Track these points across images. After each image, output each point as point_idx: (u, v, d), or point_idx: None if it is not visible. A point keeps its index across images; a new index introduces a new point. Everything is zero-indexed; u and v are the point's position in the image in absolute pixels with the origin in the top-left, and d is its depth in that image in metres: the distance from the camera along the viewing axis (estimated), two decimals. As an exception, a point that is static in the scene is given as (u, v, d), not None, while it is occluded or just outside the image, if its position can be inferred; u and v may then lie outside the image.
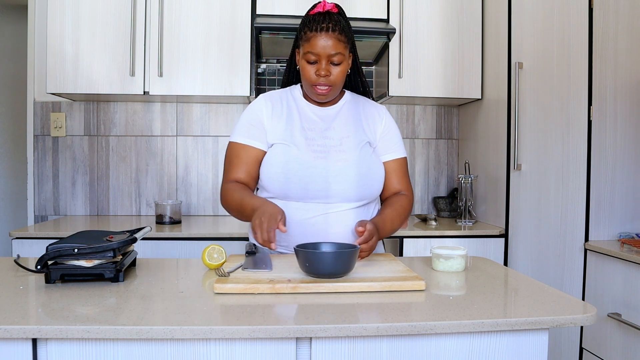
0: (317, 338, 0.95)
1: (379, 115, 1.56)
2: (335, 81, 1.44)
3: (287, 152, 1.43)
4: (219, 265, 1.33)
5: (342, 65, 1.44)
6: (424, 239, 2.36)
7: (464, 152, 2.93)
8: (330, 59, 1.41)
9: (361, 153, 1.46)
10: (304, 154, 1.43)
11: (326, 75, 1.42)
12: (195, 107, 2.84)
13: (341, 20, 1.43)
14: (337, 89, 1.48)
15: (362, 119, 1.53)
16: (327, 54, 1.40)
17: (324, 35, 1.39)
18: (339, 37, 1.41)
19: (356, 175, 1.44)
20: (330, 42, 1.40)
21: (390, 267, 1.28)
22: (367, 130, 1.52)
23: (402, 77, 2.59)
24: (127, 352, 0.93)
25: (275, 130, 1.47)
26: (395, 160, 1.54)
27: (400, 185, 1.55)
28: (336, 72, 1.43)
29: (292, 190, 1.42)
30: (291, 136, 1.45)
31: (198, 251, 2.19)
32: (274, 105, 1.51)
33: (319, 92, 1.45)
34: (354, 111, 1.54)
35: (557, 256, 2.12)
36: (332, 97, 1.49)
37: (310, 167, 1.41)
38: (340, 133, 1.48)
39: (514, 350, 1.01)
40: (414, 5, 2.59)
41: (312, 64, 1.43)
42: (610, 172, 2.01)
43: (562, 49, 2.09)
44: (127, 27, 2.44)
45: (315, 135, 1.47)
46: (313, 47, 1.40)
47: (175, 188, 2.83)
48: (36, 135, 2.77)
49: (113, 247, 1.17)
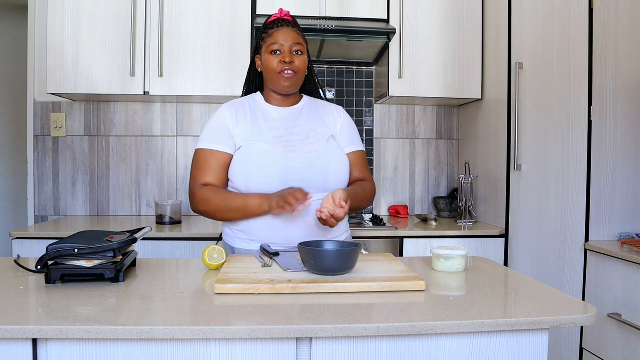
0: (317, 338, 0.95)
1: (337, 112, 1.67)
2: (299, 68, 1.55)
3: (259, 148, 1.49)
4: (219, 265, 1.34)
5: (304, 55, 1.57)
6: (424, 239, 2.36)
7: (464, 152, 2.93)
8: (293, 48, 1.54)
9: (328, 144, 1.55)
10: (276, 149, 1.49)
11: (290, 62, 1.52)
12: (195, 107, 2.84)
13: (297, 26, 1.62)
14: (301, 77, 1.58)
15: (323, 115, 1.63)
16: (289, 43, 1.54)
17: (284, 28, 1.55)
18: (298, 32, 1.57)
19: (329, 164, 1.52)
20: (291, 34, 1.55)
21: (390, 267, 1.28)
22: (328, 124, 1.61)
23: (402, 77, 2.59)
24: (127, 352, 0.93)
25: (242, 132, 1.52)
26: (355, 152, 1.64)
27: (361, 174, 1.64)
28: (299, 60, 1.55)
29: (271, 185, 1.45)
30: (258, 135, 1.52)
31: (198, 251, 2.19)
32: (237, 110, 1.57)
33: (285, 77, 1.53)
34: (314, 109, 1.64)
35: (557, 256, 2.12)
36: (296, 86, 1.57)
37: (284, 159, 1.47)
38: (306, 128, 1.57)
39: (514, 350, 1.01)
40: (414, 5, 2.59)
41: (276, 55, 1.54)
42: (610, 172, 2.01)
43: (562, 49, 2.09)
44: (127, 27, 2.44)
45: (282, 133, 1.54)
46: (276, 39, 1.54)
47: (175, 188, 2.83)
48: (36, 135, 2.77)
49: (113, 247, 1.17)
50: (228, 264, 1.31)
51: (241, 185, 1.48)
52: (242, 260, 1.36)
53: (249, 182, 1.46)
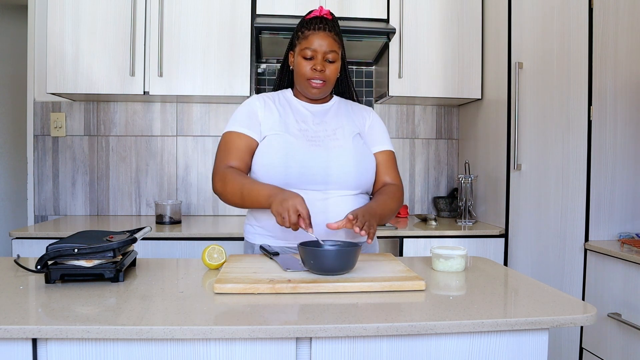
0: (317, 338, 0.95)
1: (366, 112, 1.64)
2: (330, 77, 1.51)
3: (283, 140, 1.47)
4: (219, 265, 1.34)
5: (336, 63, 1.52)
6: (424, 239, 2.36)
7: (464, 152, 2.93)
8: (326, 56, 1.49)
9: (354, 141, 1.53)
10: (300, 141, 1.47)
11: (322, 71, 1.49)
12: (195, 107, 2.84)
13: (336, 26, 1.52)
14: (330, 86, 1.54)
15: (351, 114, 1.61)
16: (323, 50, 1.48)
17: (321, 33, 1.49)
18: (335, 38, 1.50)
19: (353, 161, 1.49)
20: (327, 40, 1.49)
21: (390, 267, 1.28)
22: (357, 122, 1.59)
23: (402, 77, 2.59)
24: (127, 352, 0.93)
25: (269, 122, 1.51)
26: (383, 152, 1.59)
27: (389, 176, 1.58)
28: (331, 69, 1.51)
29: (291, 177, 1.44)
30: (285, 127, 1.50)
31: (198, 251, 2.19)
32: (266, 101, 1.56)
33: (313, 86, 1.50)
34: (344, 109, 1.62)
35: (557, 256, 2.12)
36: (325, 93, 1.55)
37: (307, 152, 1.46)
38: (333, 125, 1.54)
39: (514, 350, 1.01)
40: (414, 5, 2.59)
41: (308, 60, 1.50)
42: (610, 172, 2.01)
43: (562, 49, 2.09)
44: (127, 27, 2.44)
45: (308, 127, 1.52)
46: (310, 44, 1.48)
47: (175, 188, 2.83)
48: (36, 135, 2.77)
49: (113, 247, 1.17)
50: (228, 264, 1.30)
51: (262, 175, 1.47)
52: (242, 260, 1.36)
53: (270, 172, 1.45)
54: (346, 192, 1.48)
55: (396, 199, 1.53)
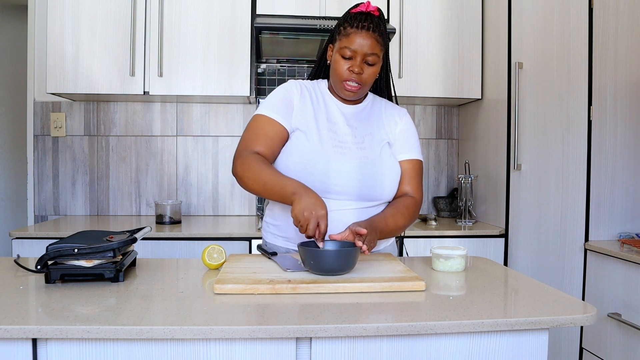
0: (317, 338, 0.95)
1: (399, 116, 1.55)
2: (366, 81, 1.43)
3: (308, 142, 1.41)
4: (219, 265, 1.34)
5: (375, 66, 1.43)
6: (424, 239, 2.36)
7: (464, 152, 2.93)
8: (366, 58, 1.40)
9: (381, 153, 1.46)
10: (324, 147, 1.41)
11: (359, 73, 1.41)
12: (195, 107, 2.84)
13: (381, 24, 1.43)
14: (366, 89, 1.46)
15: (384, 118, 1.53)
16: (363, 52, 1.39)
17: (364, 33, 1.38)
18: (377, 39, 1.40)
19: (378, 174, 1.43)
20: (369, 41, 1.39)
21: (390, 267, 1.28)
22: (387, 129, 1.51)
23: (402, 77, 2.59)
24: (127, 352, 0.93)
25: (302, 113, 1.45)
26: (408, 161, 1.52)
27: (409, 186, 1.51)
28: (369, 72, 1.42)
29: (312, 184, 1.37)
30: (315, 123, 1.44)
31: (198, 251, 2.19)
32: (303, 90, 1.49)
33: (347, 89, 1.43)
34: (377, 111, 1.54)
35: (557, 256, 2.12)
36: (359, 96, 1.48)
37: (330, 161, 1.40)
38: (362, 131, 1.48)
39: (514, 350, 1.01)
40: (414, 5, 2.59)
41: (347, 60, 1.41)
42: (610, 172, 2.01)
43: (562, 49, 2.09)
44: (127, 27, 2.44)
45: (337, 129, 1.45)
46: (351, 43, 1.39)
47: (175, 188, 2.83)
48: (36, 135, 2.77)
49: (113, 247, 1.17)
50: (228, 264, 1.30)
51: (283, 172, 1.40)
52: (242, 260, 1.36)
53: (290, 174, 1.39)
54: (368, 203, 1.43)
55: (407, 216, 1.45)
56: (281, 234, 1.49)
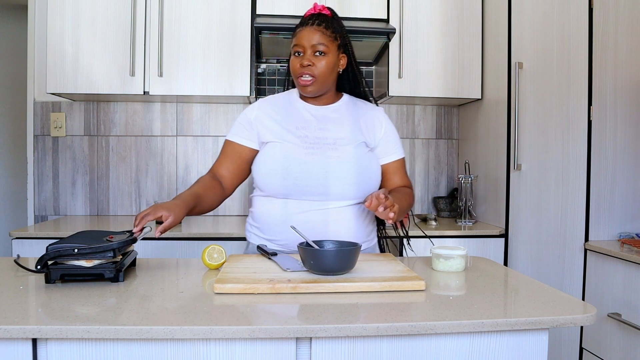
0: (317, 338, 0.95)
1: (378, 120, 1.58)
2: (320, 73, 1.46)
3: (280, 148, 1.46)
4: (219, 265, 1.34)
5: (327, 57, 1.46)
6: (424, 239, 2.35)
7: (464, 152, 2.93)
8: (314, 49, 1.45)
9: (356, 151, 1.48)
10: (298, 150, 1.45)
11: (309, 65, 1.45)
12: (195, 107, 2.84)
13: (330, 20, 1.48)
14: (322, 82, 1.48)
15: (361, 122, 1.54)
16: (310, 44, 1.45)
17: (308, 27, 1.46)
18: (324, 31, 1.46)
19: (353, 172, 1.45)
20: (315, 34, 1.45)
21: (390, 267, 1.28)
22: (365, 132, 1.53)
23: (402, 77, 2.59)
24: (127, 352, 0.93)
25: (268, 129, 1.49)
26: (396, 161, 1.59)
27: (401, 181, 1.59)
28: (321, 64, 1.45)
29: (289, 188, 1.43)
30: (286, 133, 1.47)
31: (198, 251, 2.19)
32: (263, 107, 1.55)
33: (301, 83, 1.47)
34: (353, 113, 1.55)
35: (557, 256, 2.12)
36: (317, 91, 1.49)
37: (303, 162, 1.43)
38: (335, 133, 1.49)
39: (514, 350, 1.01)
40: (414, 5, 2.59)
41: (298, 57, 1.47)
42: (610, 172, 2.01)
43: (562, 49, 2.09)
44: (127, 27, 2.44)
45: (308, 133, 1.48)
46: (298, 40, 1.47)
47: (175, 188, 2.83)
48: (36, 135, 2.77)
49: (113, 247, 1.17)
50: (228, 264, 1.31)
51: (262, 183, 1.47)
52: (242, 260, 1.36)
53: (267, 182, 1.46)
54: (346, 202, 1.46)
55: (409, 196, 1.54)
56: (263, 235, 1.51)
